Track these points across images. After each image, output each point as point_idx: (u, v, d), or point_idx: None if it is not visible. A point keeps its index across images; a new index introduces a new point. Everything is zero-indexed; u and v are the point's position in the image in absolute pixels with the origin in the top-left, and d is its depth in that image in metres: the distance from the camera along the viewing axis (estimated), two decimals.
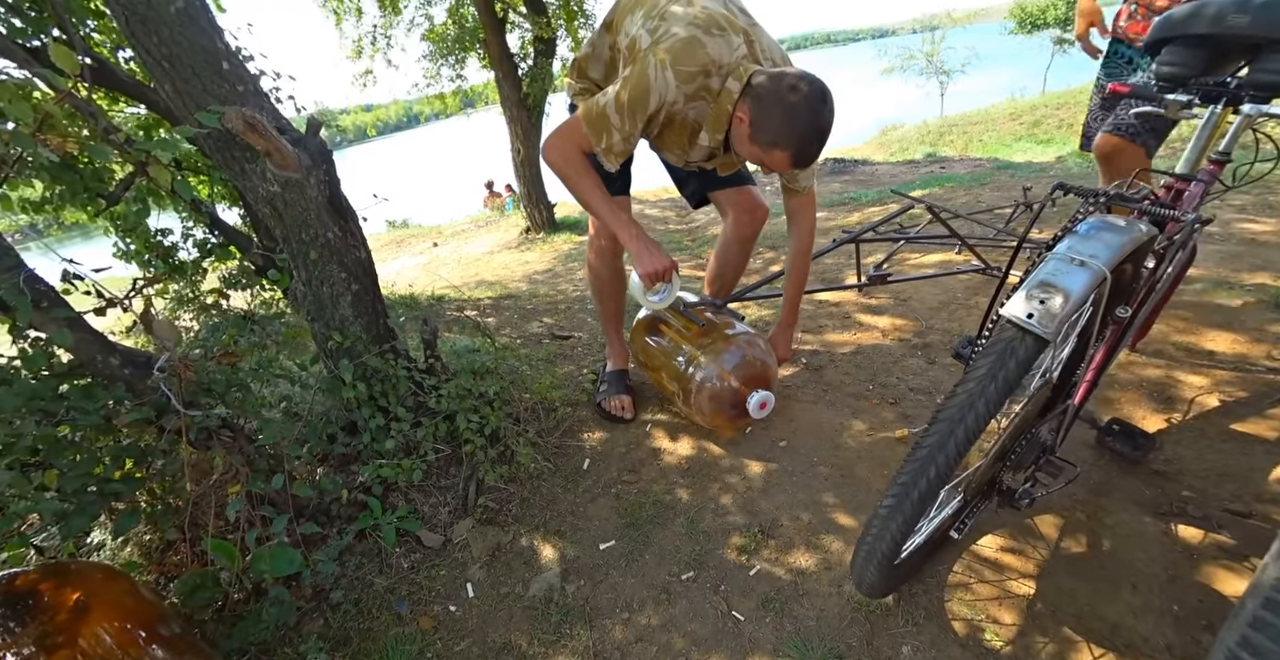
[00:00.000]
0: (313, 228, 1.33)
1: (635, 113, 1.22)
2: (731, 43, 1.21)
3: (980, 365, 0.72)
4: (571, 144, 1.31)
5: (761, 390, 1.48)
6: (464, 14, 5.73)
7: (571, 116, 1.31)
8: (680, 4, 1.23)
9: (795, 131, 1.18)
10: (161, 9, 1.11)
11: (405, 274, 5.34)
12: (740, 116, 1.23)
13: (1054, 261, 0.76)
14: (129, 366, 1.15)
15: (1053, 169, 5.28)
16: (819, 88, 1.17)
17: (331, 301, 1.45)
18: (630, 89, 1.19)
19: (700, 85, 1.22)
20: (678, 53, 1.17)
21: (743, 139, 1.26)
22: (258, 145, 1.16)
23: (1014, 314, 0.71)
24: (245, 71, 1.25)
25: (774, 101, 1.17)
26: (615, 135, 1.26)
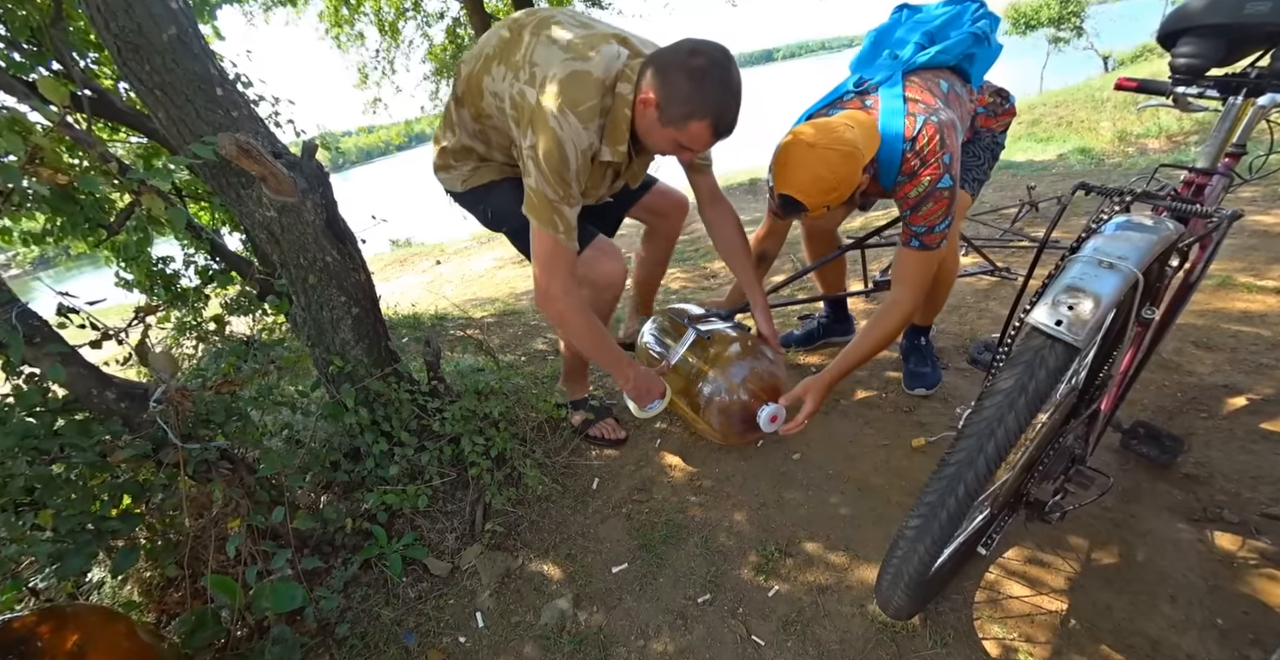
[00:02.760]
0: (311, 252, 1.32)
1: (562, 173, 1.13)
2: (610, 54, 1.15)
3: (1007, 376, 0.68)
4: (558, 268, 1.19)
5: (772, 403, 1.44)
6: (461, 34, 5.81)
7: (536, 241, 1.20)
8: (540, 44, 1.15)
9: (711, 97, 1.09)
10: (153, 36, 1.11)
11: (409, 292, 5.34)
12: (644, 100, 1.12)
13: (1080, 264, 0.72)
14: (125, 400, 1.13)
15: (1055, 167, 5.25)
16: (720, 49, 1.10)
17: (331, 326, 1.43)
18: (546, 156, 1.11)
19: (598, 117, 1.15)
20: (568, 93, 1.10)
21: (652, 127, 1.15)
22: (252, 170, 1.14)
23: (1041, 321, 0.67)
24: (239, 96, 1.24)
25: (678, 70, 1.08)
26: (565, 210, 1.17)
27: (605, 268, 1.40)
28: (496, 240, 7.21)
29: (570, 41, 1.15)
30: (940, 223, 1.27)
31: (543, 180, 1.14)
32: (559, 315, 1.24)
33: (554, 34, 1.16)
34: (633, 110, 1.16)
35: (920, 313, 1.77)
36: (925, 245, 1.30)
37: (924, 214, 1.27)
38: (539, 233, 1.19)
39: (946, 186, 1.23)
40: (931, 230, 1.28)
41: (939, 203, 1.25)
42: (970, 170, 1.57)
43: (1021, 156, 6.88)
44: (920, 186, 1.24)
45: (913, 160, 1.23)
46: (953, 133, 1.23)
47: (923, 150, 1.22)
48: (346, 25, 5.79)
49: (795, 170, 1.18)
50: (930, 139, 1.21)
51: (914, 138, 1.21)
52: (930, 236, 1.29)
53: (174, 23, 1.13)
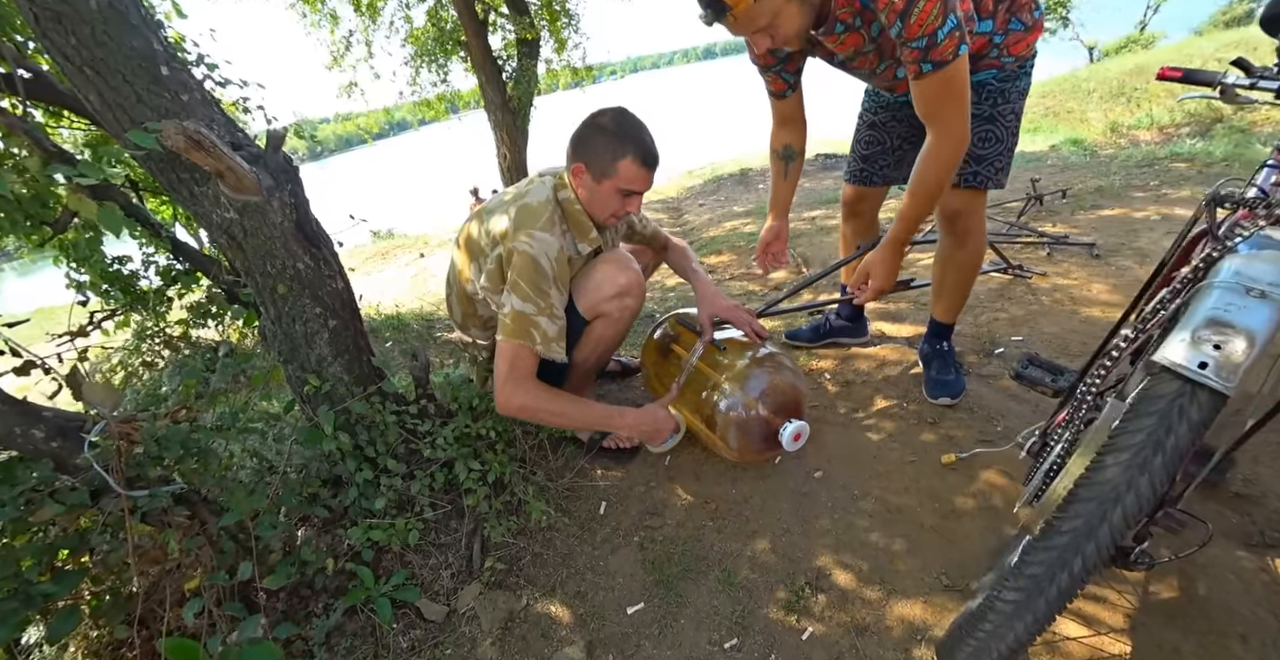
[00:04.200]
0: (279, 258, 1.15)
1: (538, 283, 1.21)
2: (539, 183, 1.32)
3: (1135, 429, 0.56)
4: (518, 374, 1.23)
5: (795, 420, 1.32)
6: (443, 16, 5.54)
7: (501, 357, 1.24)
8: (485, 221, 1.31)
9: (626, 137, 1.22)
10: (78, 4, 0.93)
11: (391, 288, 5.14)
12: (575, 171, 1.26)
13: (1221, 292, 0.58)
14: (58, 438, 0.96)
15: (1049, 158, 5.19)
16: (614, 106, 1.26)
17: (306, 340, 1.27)
18: (521, 275, 1.21)
19: (559, 221, 1.28)
20: (522, 220, 1.23)
21: (594, 190, 1.27)
22: (206, 165, 0.98)
23: (1179, 362, 0.54)
24: (189, 77, 1.07)
25: (588, 133, 1.24)
26: (542, 322, 1.22)
27: (621, 279, 1.34)
28: None
29: (503, 199, 1.32)
30: (942, 26, 1.02)
31: (520, 301, 1.21)
32: (523, 413, 1.26)
33: (491, 207, 1.34)
34: (578, 198, 1.30)
35: (943, 307, 1.64)
36: (938, 62, 1.06)
37: (918, 18, 1.02)
38: (504, 347, 1.23)
39: None
40: (935, 39, 1.03)
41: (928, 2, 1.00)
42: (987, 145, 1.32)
43: None
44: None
45: None
46: None
47: None
48: (318, 2, 5.48)
49: None
50: None
51: None
52: (938, 49, 1.04)
53: None
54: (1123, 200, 3.25)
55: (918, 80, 1.11)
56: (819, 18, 1.14)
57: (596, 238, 1.35)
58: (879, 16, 1.07)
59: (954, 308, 1.63)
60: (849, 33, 1.18)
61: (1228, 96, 1.24)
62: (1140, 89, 9.42)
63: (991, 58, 1.26)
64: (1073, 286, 2.21)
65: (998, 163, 1.36)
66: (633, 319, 1.44)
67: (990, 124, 1.33)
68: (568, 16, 6.18)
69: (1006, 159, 1.37)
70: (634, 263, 1.38)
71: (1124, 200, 3.25)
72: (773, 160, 1.61)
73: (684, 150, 12.86)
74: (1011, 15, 1.22)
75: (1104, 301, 2.07)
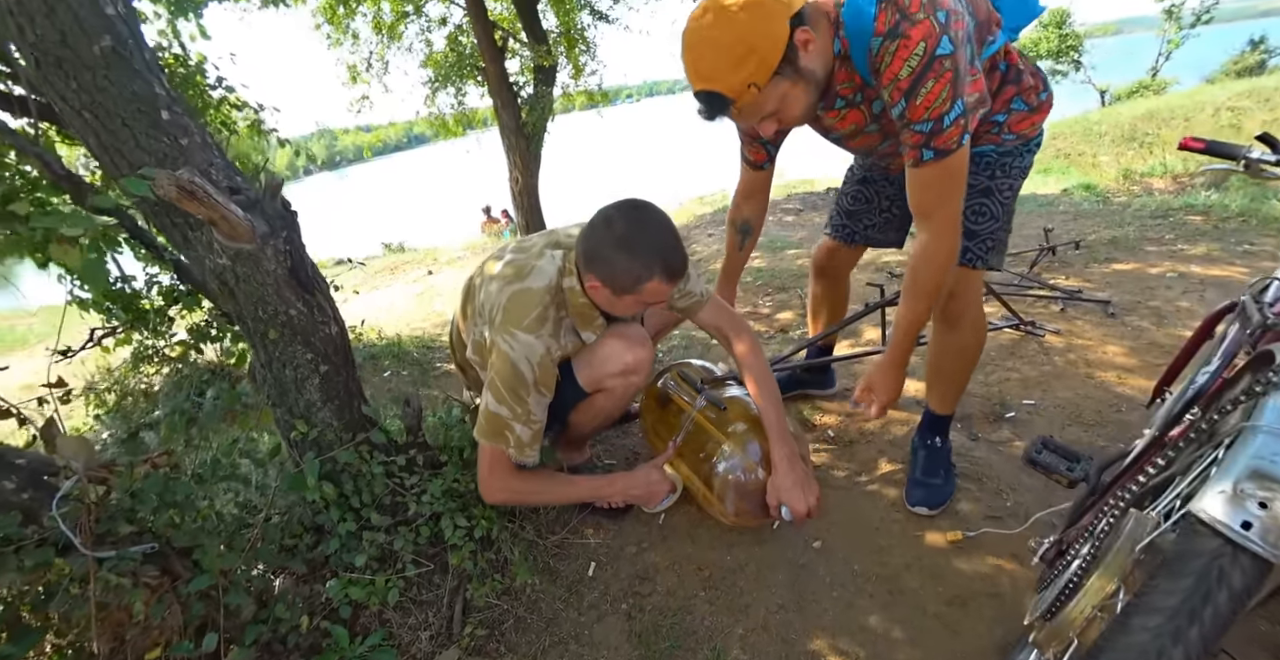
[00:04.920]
0: (271, 304, 1.12)
1: (516, 389, 1.16)
2: (547, 261, 1.21)
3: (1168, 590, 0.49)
4: (498, 472, 1.22)
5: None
6: (463, 42, 5.63)
7: (480, 455, 1.23)
8: (485, 285, 1.24)
9: (647, 256, 1.09)
10: (81, 48, 0.92)
11: (398, 304, 5.13)
12: (592, 288, 1.16)
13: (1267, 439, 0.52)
14: (28, 489, 0.93)
15: (1061, 203, 5.16)
16: (630, 206, 1.13)
17: (295, 385, 1.23)
18: (499, 376, 1.16)
19: (553, 317, 1.19)
20: (510, 314, 1.16)
21: (612, 302, 1.18)
22: (199, 214, 0.95)
23: (1220, 519, 0.49)
24: (190, 121, 1.06)
25: (606, 248, 1.10)
26: (517, 427, 1.18)
27: (628, 357, 1.28)
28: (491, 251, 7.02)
29: (505, 269, 1.22)
30: (949, 110, 0.94)
31: (496, 403, 1.17)
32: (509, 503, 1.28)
33: (494, 270, 1.24)
34: (588, 296, 1.19)
35: (938, 396, 1.46)
36: (940, 150, 0.97)
37: (925, 99, 0.93)
38: (482, 446, 1.21)
39: (946, 53, 0.90)
40: (941, 125, 0.95)
41: (941, 79, 0.91)
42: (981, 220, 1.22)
43: (1022, 189, 6.83)
44: (912, 58, 0.90)
45: (890, 12, 0.91)
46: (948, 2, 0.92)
47: (894, 32, 0.90)
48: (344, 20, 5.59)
49: (695, 51, 0.94)
50: (900, 29, 0.90)
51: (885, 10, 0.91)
52: (942, 136, 0.96)
53: (109, 32, 0.94)
54: (1137, 254, 3.21)
55: (916, 168, 1.03)
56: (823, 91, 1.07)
57: (603, 325, 1.27)
58: (881, 94, 1.00)
59: (950, 397, 1.46)
60: (850, 109, 1.12)
61: (1251, 171, 1.21)
62: (1152, 134, 9.46)
63: (992, 133, 1.19)
64: (1087, 347, 2.16)
65: (990, 241, 1.24)
66: (636, 394, 1.40)
67: (985, 197, 1.22)
68: (585, 44, 6.29)
69: (1001, 238, 1.26)
70: (646, 340, 1.32)
71: (1138, 254, 3.21)
72: (730, 231, 1.55)
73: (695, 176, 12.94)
74: (1016, 96, 1.16)
75: (1119, 365, 2.01)
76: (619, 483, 1.33)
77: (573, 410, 1.38)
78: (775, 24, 0.91)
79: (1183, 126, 9.65)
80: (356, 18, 5.55)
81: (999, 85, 1.15)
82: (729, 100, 0.95)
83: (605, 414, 1.42)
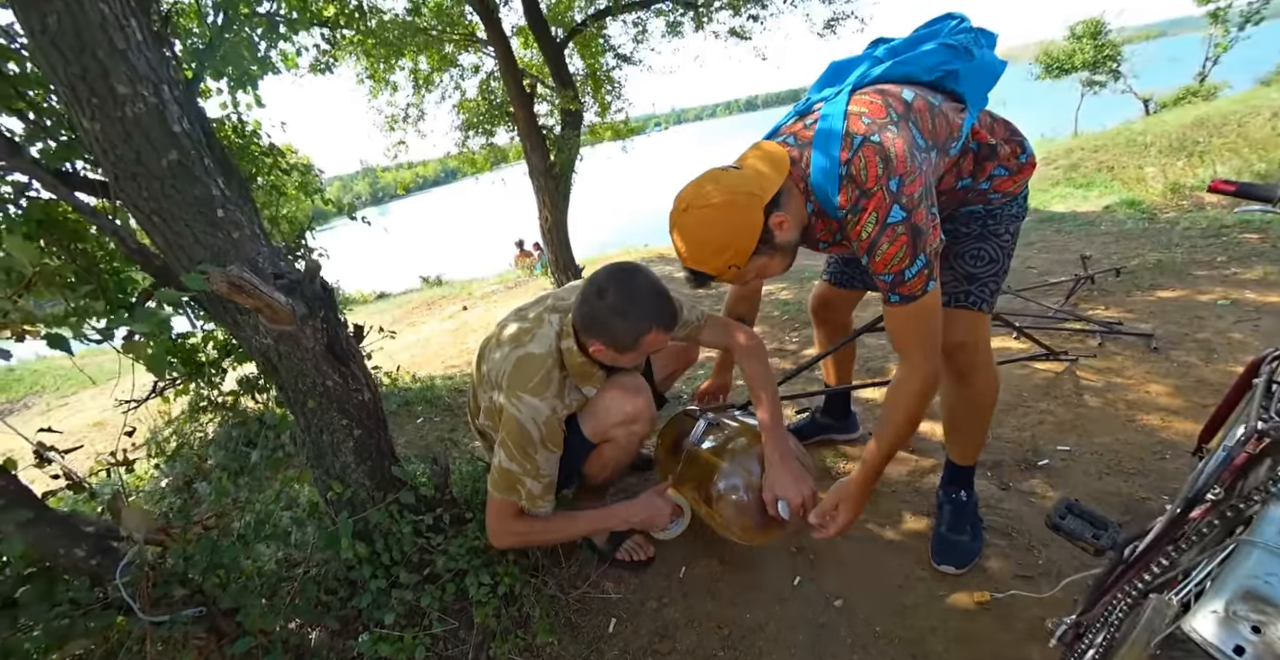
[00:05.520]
0: (310, 377, 1.22)
1: (527, 449, 1.22)
2: (546, 327, 1.28)
3: None
4: (505, 519, 1.28)
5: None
6: (494, 89, 5.92)
7: (490, 506, 1.29)
8: (492, 352, 1.32)
9: (643, 315, 1.19)
10: (152, 164, 1.04)
11: (434, 341, 5.32)
12: (596, 351, 1.23)
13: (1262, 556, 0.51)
14: (97, 555, 1.02)
15: (1102, 222, 4.99)
16: (617, 269, 1.21)
17: (332, 449, 1.32)
18: (509, 435, 1.23)
19: (557, 378, 1.26)
20: (515, 378, 1.22)
21: (616, 359, 1.25)
22: (246, 304, 1.05)
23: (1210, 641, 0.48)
24: (241, 216, 1.17)
25: (602, 315, 1.19)
26: (527, 481, 1.24)
27: (628, 407, 1.34)
28: (523, 286, 7.22)
29: (509, 336, 1.31)
30: (909, 266, 1.02)
31: (508, 459, 1.23)
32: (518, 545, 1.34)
33: (500, 336, 1.34)
34: (588, 354, 1.27)
35: (958, 449, 1.47)
36: (905, 296, 1.06)
37: (883, 258, 1.03)
38: (493, 498, 1.27)
39: (898, 220, 0.99)
40: (903, 278, 1.04)
41: (895, 242, 1.01)
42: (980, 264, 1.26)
43: (1061, 206, 6.63)
44: (867, 225, 1.01)
45: (850, 190, 1.01)
46: (905, 154, 0.99)
47: (859, 176, 0.99)
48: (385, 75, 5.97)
49: (680, 238, 1.07)
50: (868, 164, 0.98)
51: (848, 162, 1.00)
52: (905, 285, 1.05)
53: (175, 147, 1.06)
54: (1185, 279, 3.06)
55: (888, 307, 1.11)
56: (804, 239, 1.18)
57: (603, 377, 1.35)
58: (852, 245, 1.09)
59: (972, 449, 1.47)
60: (833, 246, 1.23)
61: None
62: (1203, 143, 9.06)
63: (979, 196, 1.23)
64: (1127, 386, 2.08)
65: (991, 284, 1.28)
66: (641, 442, 1.44)
67: (982, 242, 1.26)
68: (611, 83, 6.51)
69: (999, 281, 1.30)
70: (643, 388, 1.38)
71: (1186, 279, 3.06)
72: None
73: None
74: (997, 166, 1.20)
75: (1163, 407, 1.93)
76: (622, 511, 1.37)
77: (585, 462, 1.43)
78: (749, 217, 1.03)
79: (1236, 132, 9.21)
80: (396, 71, 5.92)
81: (976, 163, 1.19)
82: (712, 278, 1.09)
83: (615, 463, 1.46)
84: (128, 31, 1.00)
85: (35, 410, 5.61)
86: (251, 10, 2.92)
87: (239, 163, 2.76)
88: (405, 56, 5.71)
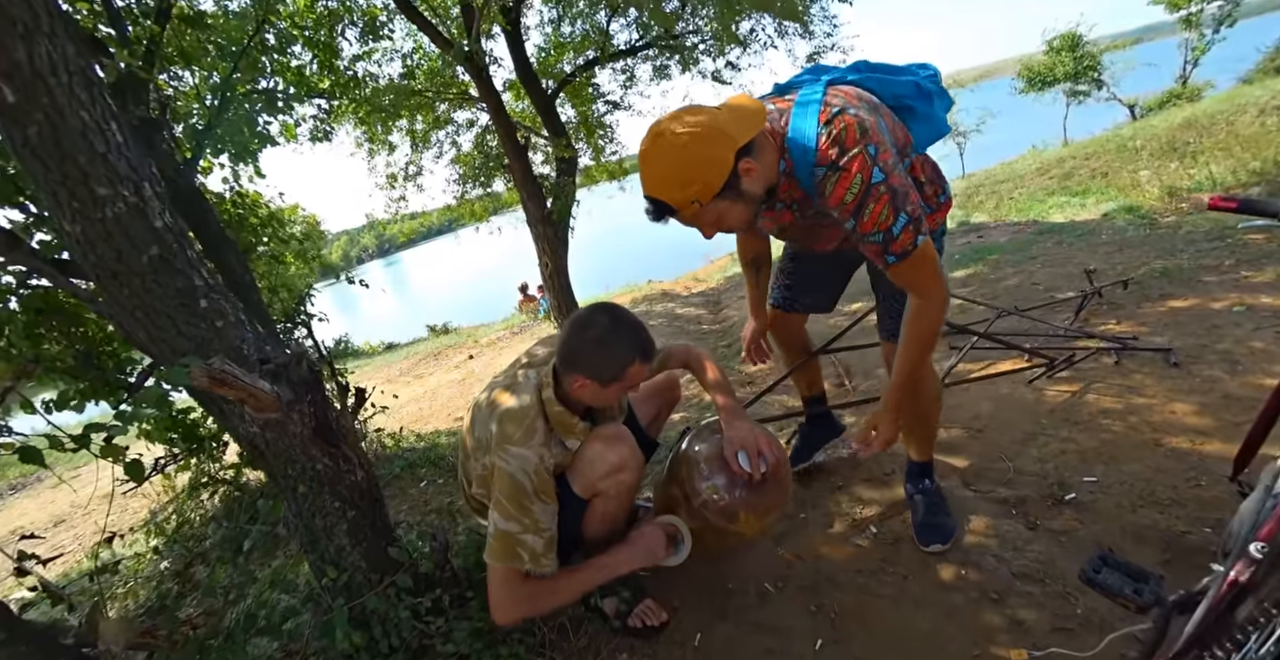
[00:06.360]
0: (299, 462, 1.19)
1: (522, 501, 1.20)
2: (526, 381, 1.31)
3: None
4: (511, 586, 1.23)
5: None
6: (489, 142, 6.10)
7: (492, 579, 1.25)
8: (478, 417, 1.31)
9: (625, 344, 1.22)
10: (133, 261, 1.05)
11: (440, 393, 5.30)
12: (580, 386, 1.24)
13: None
14: None
15: (1102, 231, 4.95)
16: (597, 309, 1.27)
17: (325, 532, 1.28)
18: (502, 492, 1.20)
19: (541, 429, 1.26)
20: (500, 434, 1.22)
21: (598, 394, 1.26)
22: (230, 396, 1.04)
23: None
24: (224, 304, 1.17)
25: (586, 347, 1.22)
26: (528, 538, 1.21)
27: (612, 457, 1.32)
28: (527, 331, 7.24)
29: (492, 399, 1.31)
30: (894, 223, 1.07)
31: (503, 520, 1.20)
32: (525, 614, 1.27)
33: (484, 400, 1.34)
34: (566, 402, 1.29)
35: (914, 448, 1.65)
36: (900, 253, 1.10)
37: (870, 218, 1.07)
38: (494, 569, 1.22)
39: (880, 181, 1.04)
40: (892, 235, 1.08)
41: (879, 201, 1.05)
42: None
43: (1059, 215, 6.61)
44: (853, 186, 1.05)
45: (829, 149, 1.04)
46: (877, 131, 1.05)
47: (839, 137, 1.03)
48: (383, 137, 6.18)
49: (647, 167, 1.06)
50: (847, 128, 1.03)
51: (829, 122, 1.04)
52: (896, 243, 1.09)
53: (157, 242, 1.07)
54: (1195, 287, 2.99)
55: (887, 269, 1.16)
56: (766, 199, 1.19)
57: (585, 428, 1.33)
58: (830, 213, 1.12)
59: (924, 444, 1.64)
60: (785, 210, 1.24)
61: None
62: (1194, 143, 9.09)
63: None
64: (1150, 406, 1.99)
65: None
66: (632, 492, 1.42)
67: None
68: (603, 128, 6.70)
69: None
70: (627, 437, 1.36)
71: (1196, 287, 2.99)
72: (744, 268, 1.73)
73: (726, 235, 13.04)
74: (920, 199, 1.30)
75: (1191, 427, 1.84)
76: (622, 554, 1.33)
77: (582, 522, 1.39)
78: (719, 153, 1.02)
79: (1226, 131, 9.25)
80: (393, 132, 6.12)
81: None
82: (674, 210, 1.07)
83: (611, 518, 1.43)
84: (108, 135, 1.02)
85: (47, 484, 5.61)
86: (250, 88, 3.04)
87: (239, 234, 2.82)
88: (402, 117, 5.92)
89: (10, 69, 0.91)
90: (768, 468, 1.34)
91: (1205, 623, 0.70)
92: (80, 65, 0.97)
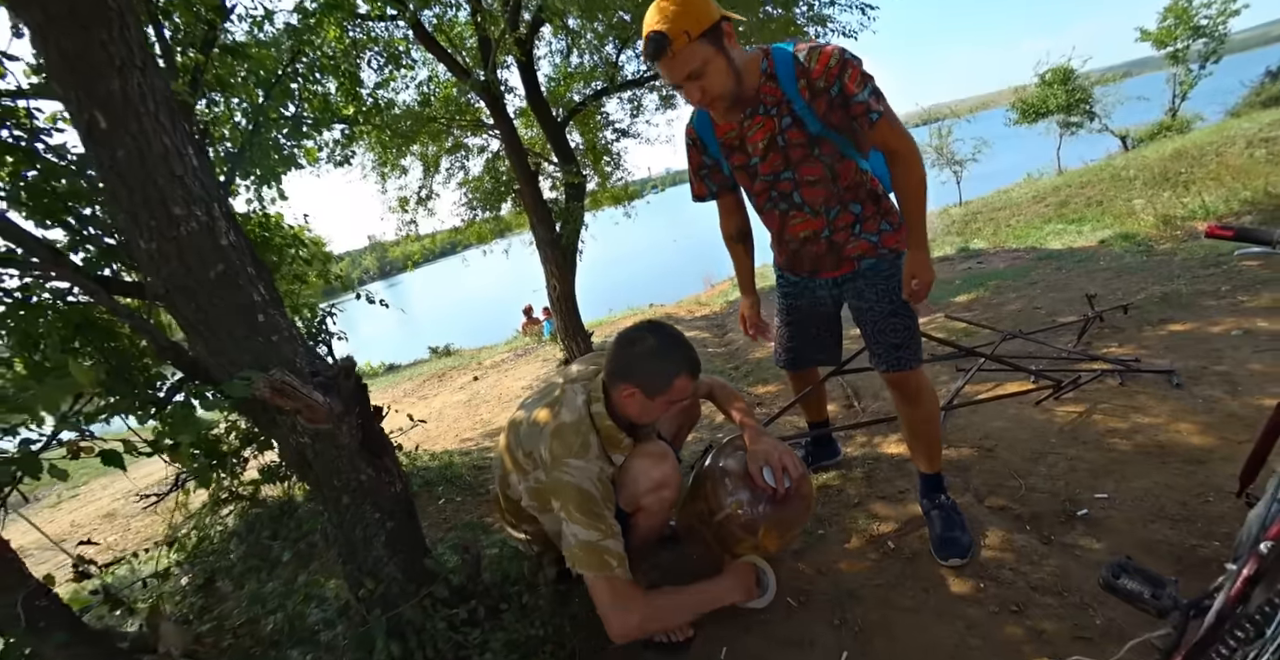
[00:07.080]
0: (344, 474, 1.24)
1: (591, 508, 1.24)
2: (571, 397, 1.35)
3: None
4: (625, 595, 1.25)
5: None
6: (500, 169, 6.25)
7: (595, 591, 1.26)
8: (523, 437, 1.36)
9: (674, 358, 1.30)
10: (200, 277, 1.12)
11: (447, 413, 5.32)
12: (628, 395, 1.31)
13: None
14: None
15: (1101, 257, 5.06)
16: (647, 325, 1.35)
17: (364, 543, 1.32)
18: (572, 503, 1.24)
19: (595, 442, 1.31)
20: (558, 449, 1.28)
21: (644, 406, 1.32)
22: (287, 407, 1.09)
23: None
24: (280, 319, 1.23)
25: (636, 360, 1.30)
26: (610, 544, 1.24)
27: (655, 474, 1.38)
28: (532, 353, 7.29)
29: (538, 414, 1.35)
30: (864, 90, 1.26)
31: (582, 530, 1.23)
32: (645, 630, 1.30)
33: (527, 418, 1.37)
34: (614, 416, 1.34)
35: (923, 460, 1.70)
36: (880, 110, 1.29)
37: (851, 77, 1.25)
38: (595, 582, 1.24)
39: (854, 58, 1.26)
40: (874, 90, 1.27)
41: (856, 68, 1.26)
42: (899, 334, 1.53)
43: (1057, 243, 6.74)
44: (831, 59, 1.25)
45: (805, 49, 1.27)
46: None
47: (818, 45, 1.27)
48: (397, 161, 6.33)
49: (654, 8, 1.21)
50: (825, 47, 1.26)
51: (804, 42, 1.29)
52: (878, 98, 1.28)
53: (222, 260, 1.14)
54: (1194, 311, 3.07)
55: (872, 129, 1.31)
56: (746, 100, 1.33)
57: (630, 444, 1.38)
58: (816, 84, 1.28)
59: (933, 457, 1.69)
60: (766, 118, 1.36)
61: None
62: (1185, 173, 9.31)
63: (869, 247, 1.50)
64: (1155, 425, 2.05)
65: (912, 344, 1.55)
66: (671, 508, 1.46)
67: (895, 317, 1.52)
68: (610, 155, 6.87)
69: (918, 335, 1.57)
70: (670, 454, 1.42)
71: (1195, 311, 3.07)
72: (730, 245, 1.79)
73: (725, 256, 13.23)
74: (880, 219, 1.49)
75: (1196, 446, 1.89)
76: (724, 583, 1.41)
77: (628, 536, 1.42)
78: (710, 7, 1.21)
79: (1216, 161, 9.49)
80: (407, 156, 6.28)
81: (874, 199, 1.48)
82: (669, 40, 1.18)
83: (648, 534, 1.49)
84: (185, 159, 1.10)
85: (45, 503, 5.56)
86: (279, 115, 3.16)
87: (263, 254, 2.90)
88: (417, 142, 6.07)
89: (106, 98, 0.99)
90: (791, 483, 1.39)
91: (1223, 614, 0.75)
92: (166, 95, 1.06)
